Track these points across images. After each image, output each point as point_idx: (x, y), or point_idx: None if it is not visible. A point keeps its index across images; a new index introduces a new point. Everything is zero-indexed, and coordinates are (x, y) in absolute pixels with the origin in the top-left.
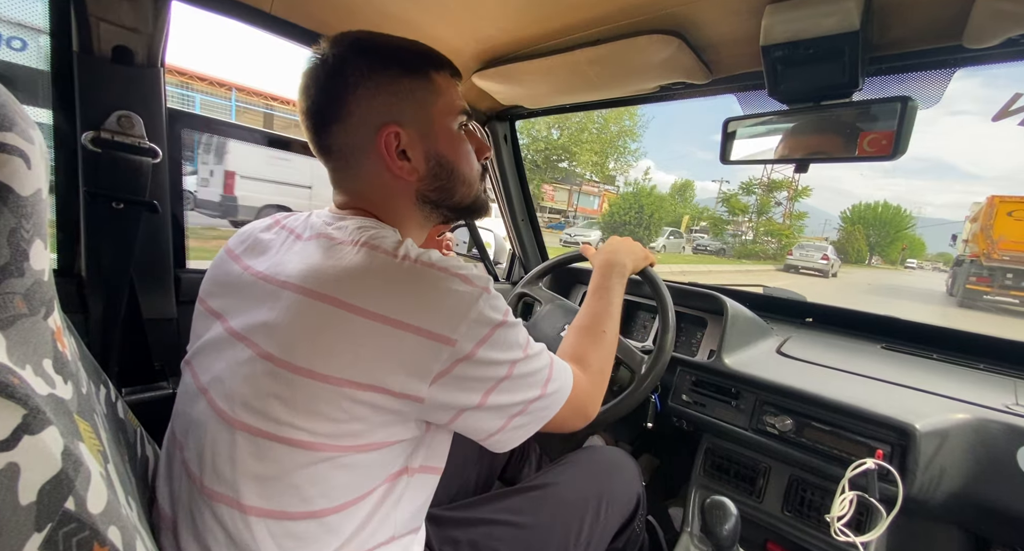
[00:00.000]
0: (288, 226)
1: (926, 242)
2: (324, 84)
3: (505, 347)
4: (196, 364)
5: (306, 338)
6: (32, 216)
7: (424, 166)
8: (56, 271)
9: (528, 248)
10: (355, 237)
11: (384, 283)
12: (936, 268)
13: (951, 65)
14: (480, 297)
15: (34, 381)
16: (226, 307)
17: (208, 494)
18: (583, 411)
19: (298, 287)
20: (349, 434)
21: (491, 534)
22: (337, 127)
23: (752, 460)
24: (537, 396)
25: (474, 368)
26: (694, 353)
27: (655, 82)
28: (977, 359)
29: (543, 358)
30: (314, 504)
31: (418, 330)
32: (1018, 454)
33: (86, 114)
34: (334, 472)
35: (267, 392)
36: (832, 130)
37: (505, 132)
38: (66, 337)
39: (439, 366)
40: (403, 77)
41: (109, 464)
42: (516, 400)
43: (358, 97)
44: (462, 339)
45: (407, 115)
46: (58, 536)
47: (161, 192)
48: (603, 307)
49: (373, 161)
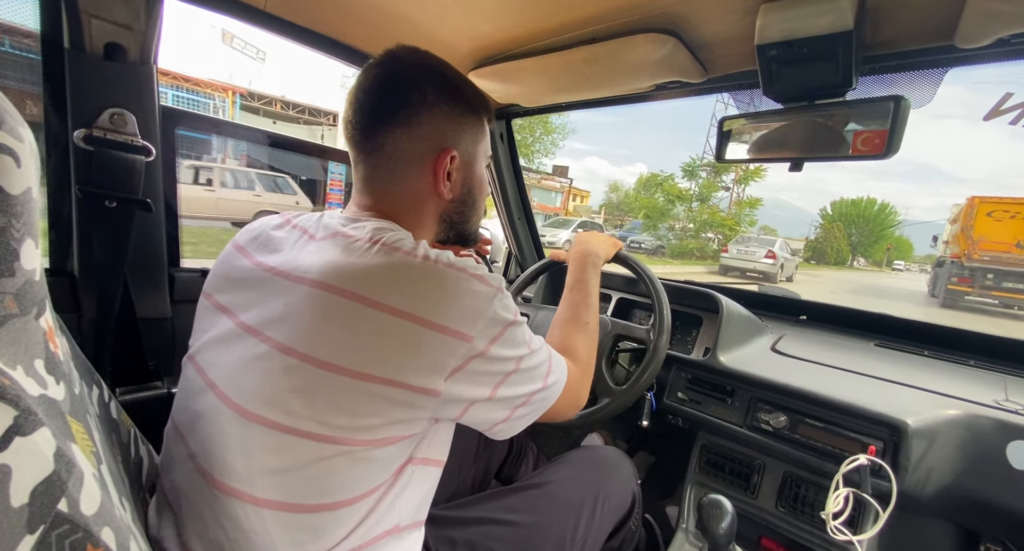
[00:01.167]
0: (300, 225)
1: (913, 244)
2: (399, 90)
3: (514, 344)
4: (201, 359)
5: (329, 333)
6: (22, 215)
7: (458, 191)
8: (48, 270)
9: (525, 247)
10: (373, 236)
11: (405, 281)
12: (924, 270)
13: (943, 65)
14: (495, 297)
15: (25, 382)
16: (236, 302)
17: (218, 488)
18: (576, 401)
19: (319, 283)
20: (367, 428)
21: (488, 533)
22: (401, 132)
23: (747, 457)
24: (539, 388)
25: (487, 364)
26: (689, 351)
27: (651, 81)
28: (968, 356)
29: (544, 352)
30: (329, 497)
31: (438, 327)
32: (1007, 449)
33: (78, 112)
34: (350, 465)
35: (286, 386)
36: (826, 129)
37: (501, 131)
38: (58, 337)
39: (455, 362)
40: (468, 113)
41: (102, 465)
42: (521, 392)
43: (433, 114)
44: (478, 336)
45: (462, 145)
46: (51, 538)
47: (155, 190)
48: (582, 298)
49: (421, 173)
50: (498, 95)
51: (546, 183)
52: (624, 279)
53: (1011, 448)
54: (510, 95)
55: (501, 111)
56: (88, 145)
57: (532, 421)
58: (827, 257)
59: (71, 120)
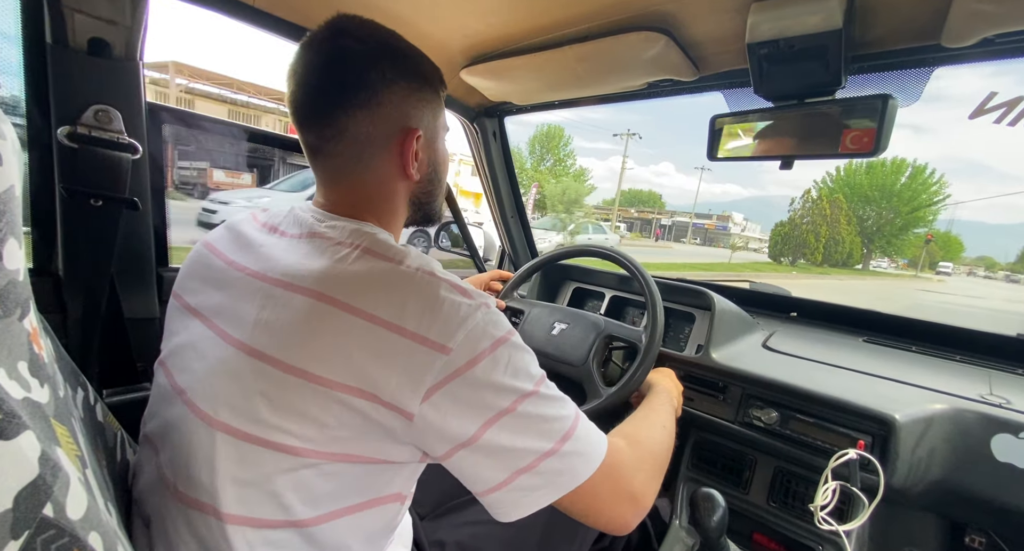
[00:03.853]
0: (270, 222)
1: (964, 242)
2: (355, 69)
3: (509, 371)
4: (171, 364)
5: (302, 337)
6: (5, 214)
7: (425, 170)
8: (32, 270)
9: (518, 245)
10: (353, 240)
11: (385, 288)
12: (1012, 279)
13: (930, 64)
14: (479, 309)
15: (8, 385)
16: (206, 303)
17: (183, 501)
18: (626, 488)
19: (296, 286)
20: (335, 440)
21: (477, 534)
22: (363, 114)
23: (738, 453)
24: (549, 450)
25: (470, 388)
26: (682, 348)
27: (643, 79)
28: (954, 351)
29: (565, 407)
30: (294, 512)
31: (414, 336)
32: (992, 442)
33: (61, 108)
34: (317, 480)
35: (254, 390)
36: (816, 127)
37: (494, 129)
38: (42, 339)
39: (432, 377)
40: (426, 88)
41: (88, 469)
42: (520, 446)
43: (393, 93)
44: (458, 349)
45: (424, 123)
46: (36, 543)
47: (142, 189)
48: (661, 416)
49: (388, 158)
50: (491, 93)
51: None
52: (617, 277)
53: (995, 441)
54: (503, 93)
55: (494, 109)
56: (72, 142)
57: (545, 502)
58: (811, 252)
59: (54, 117)
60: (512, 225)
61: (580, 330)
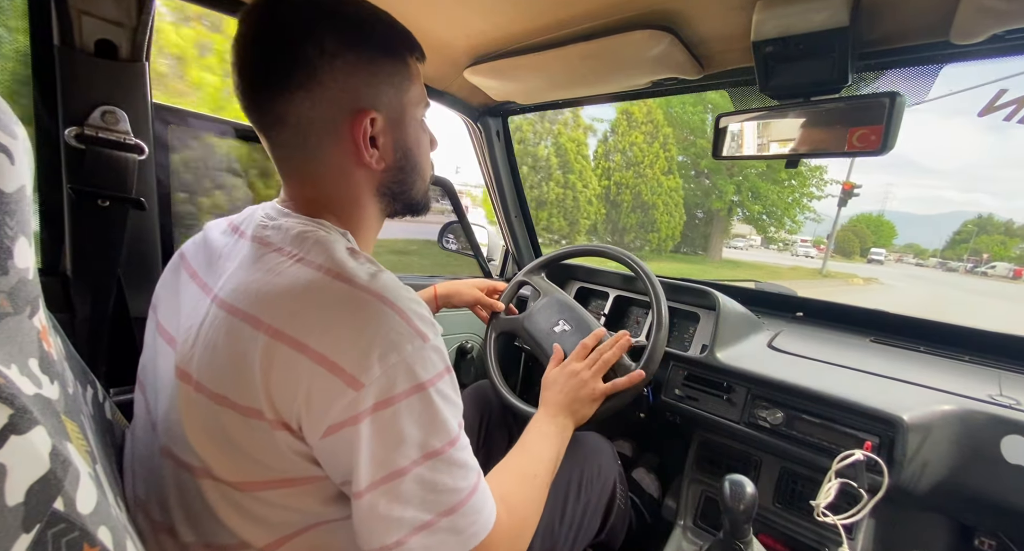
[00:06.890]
0: (235, 223)
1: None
2: (288, 44)
3: (421, 422)
4: (148, 393)
5: (219, 360)
6: (16, 213)
7: (391, 156)
8: (41, 269)
9: (522, 245)
10: (292, 248)
11: (312, 307)
12: (919, 263)
13: (938, 61)
14: (411, 340)
15: (20, 381)
16: (172, 324)
17: (156, 529)
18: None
19: (221, 301)
20: (265, 468)
21: None
22: (303, 95)
23: (744, 453)
24: (424, 523)
25: (372, 434)
26: (686, 348)
27: (647, 77)
28: (962, 351)
29: (467, 477)
30: (244, 535)
31: (323, 360)
32: (1002, 443)
33: (68, 110)
34: (256, 506)
35: (186, 419)
36: (822, 125)
37: (498, 128)
38: (51, 337)
39: (335, 415)
40: (382, 58)
41: (97, 465)
42: (396, 515)
43: (335, 69)
44: (371, 386)
45: (382, 100)
46: (47, 537)
47: (148, 189)
48: (544, 450)
49: (338, 145)
50: (494, 93)
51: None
52: (621, 277)
53: (1005, 442)
54: (507, 92)
55: (497, 108)
56: (80, 143)
57: None
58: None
59: (62, 118)
60: (516, 225)
61: (580, 338)
